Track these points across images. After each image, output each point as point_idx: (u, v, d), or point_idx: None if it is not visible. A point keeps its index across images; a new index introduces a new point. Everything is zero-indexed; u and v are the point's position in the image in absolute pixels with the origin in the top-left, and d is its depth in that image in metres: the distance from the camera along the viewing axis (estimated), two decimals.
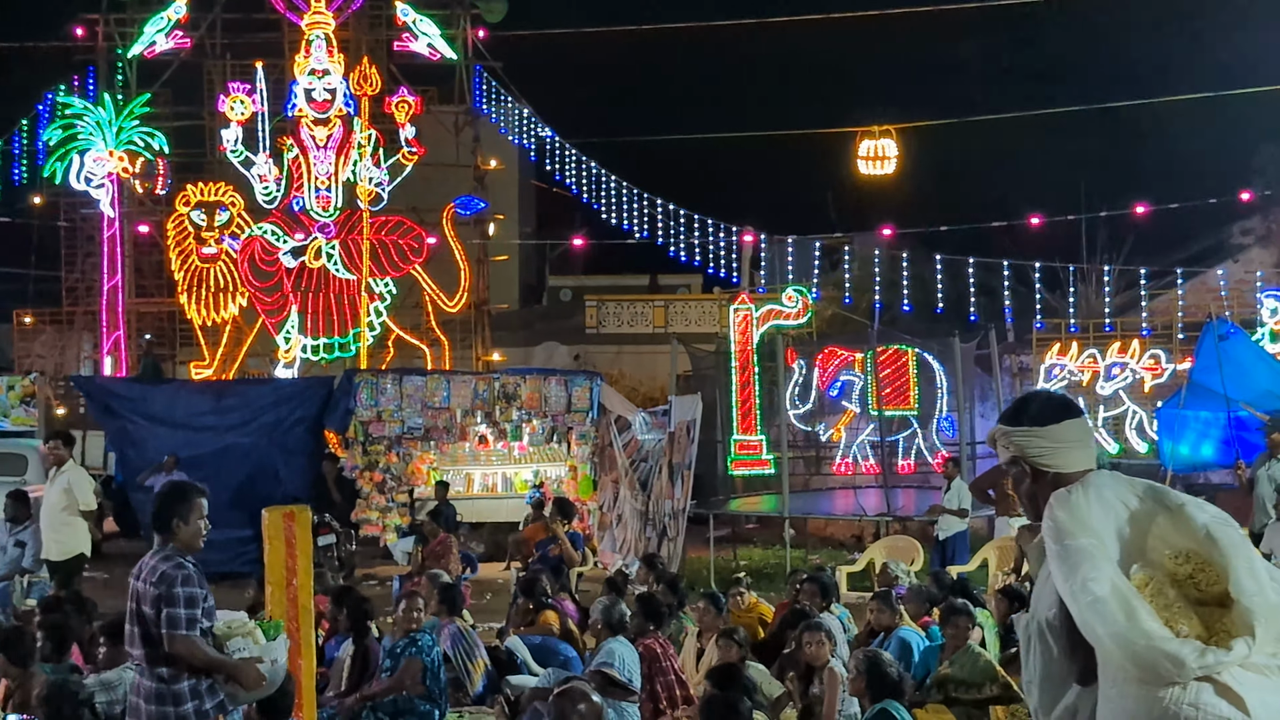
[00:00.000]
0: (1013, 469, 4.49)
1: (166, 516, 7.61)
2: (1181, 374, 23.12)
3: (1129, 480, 4.17)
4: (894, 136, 26.73)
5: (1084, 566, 3.88)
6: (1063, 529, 4.00)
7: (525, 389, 23.72)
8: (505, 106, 33.76)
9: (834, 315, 34.98)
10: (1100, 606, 3.79)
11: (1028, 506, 4.50)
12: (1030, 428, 4.45)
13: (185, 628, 7.34)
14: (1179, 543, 4.00)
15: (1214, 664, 3.75)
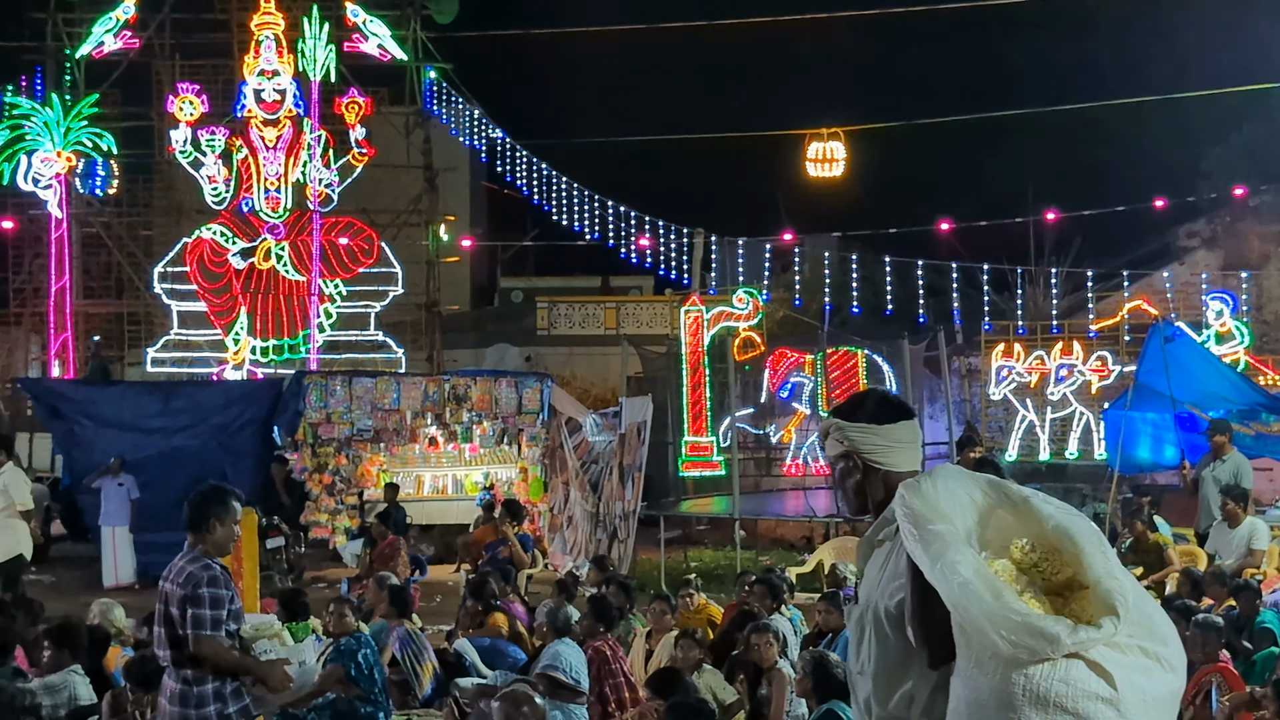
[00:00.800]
0: (841, 463, 4.57)
1: (203, 518, 7.64)
2: (1128, 376, 23.26)
3: (971, 474, 4.23)
4: (842, 139, 26.83)
5: (949, 551, 3.90)
6: (920, 515, 4.02)
7: (476, 391, 23.69)
8: (456, 108, 33.71)
9: (784, 317, 35.06)
10: (970, 588, 3.81)
11: (851, 501, 4.61)
12: (867, 424, 4.55)
13: (210, 628, 7.36)
14: (1024, 532, 4.07)
15: (1085, 640, 3.79)
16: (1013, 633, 3.78)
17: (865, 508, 4.59)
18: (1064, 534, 4.01)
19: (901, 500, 4.11)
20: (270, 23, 29.75)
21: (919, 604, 4.06)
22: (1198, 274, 30.15)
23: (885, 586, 4.34)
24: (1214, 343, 25.54)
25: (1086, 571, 3.96)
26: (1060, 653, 3.80)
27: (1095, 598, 3.91)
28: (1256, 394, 20.32)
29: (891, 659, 4.30)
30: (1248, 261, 30.49)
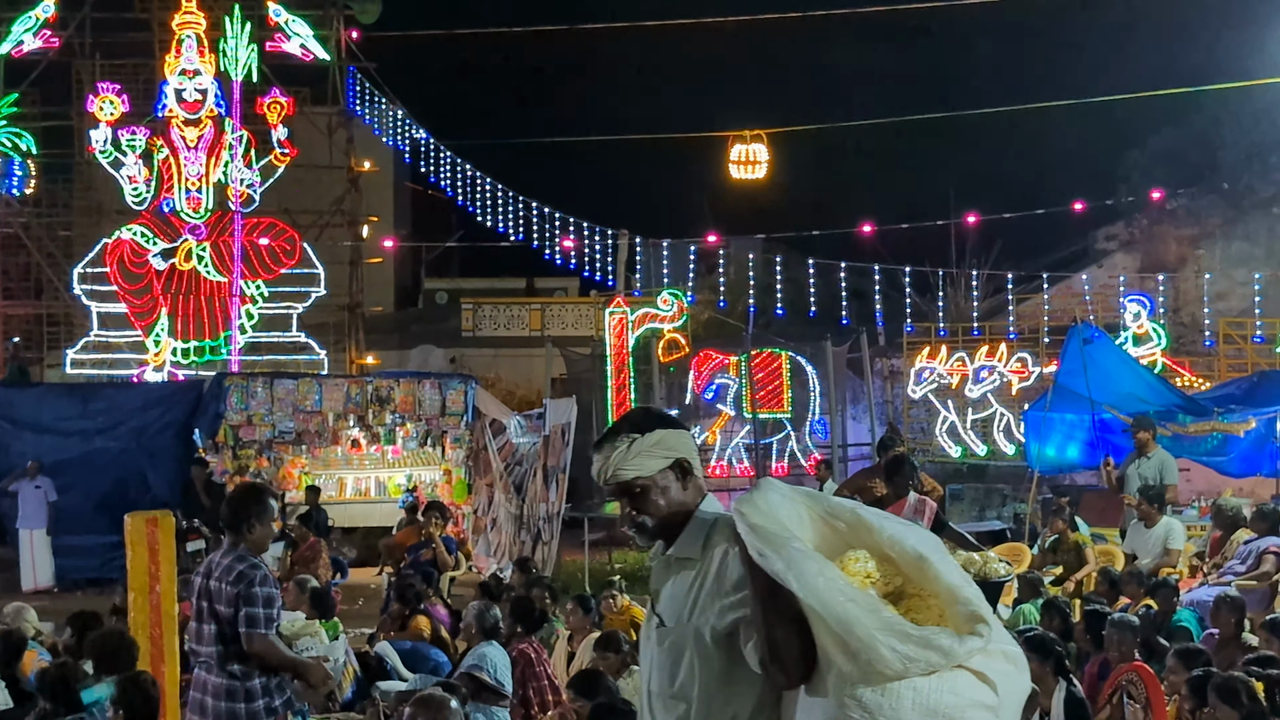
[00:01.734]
0: (663, 478, 4.44)
1: (241, 516, 7.74)
2: (1047, 377, 23.47)
3: (790, 487, 4.19)
4: (765, 141, 26.92)
5: (825, 569, 3.88)
6: (771, 533, 3.94)
7: (399, 392, 23.60)
8: (379, 108, 33.58)
9: (709, 319, 35.14)
10: (853, 607, 3.78)
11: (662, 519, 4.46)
12: (685, 431, 4.56)
13: (264, 627, 7.49)
14: (856, 543, 4.06)
15: (971, 650, 3.82)
16: (906, 646, 3.77)
17: (668, 527, 4.47)
18: (899, 544, 4.02)
19: (742, 517, 4.01)
20: (191, 22, 29.51)
21: (774, 624, 3.97)
22: (1116, 276, 30.45)
23: (709, 605, 4.24)
24: (1131, 344, 25.80)
25: (936, 581, 3.96)
26: (952, 663, 3.82)
27: (956, 606, 3.92)
28: (1173, 395, 20.55)
29: (716, 680, 4.22)
30: (1165, 264, 30.84)
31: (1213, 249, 31.11)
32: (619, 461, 4.46)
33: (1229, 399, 20.26)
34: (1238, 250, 30.87)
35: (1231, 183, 32.19)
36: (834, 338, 25.36)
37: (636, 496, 4.46)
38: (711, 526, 4.41)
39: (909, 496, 11.92)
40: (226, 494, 20.58)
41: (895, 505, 11.76)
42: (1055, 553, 16.44)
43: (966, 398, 26.73)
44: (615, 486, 4.51)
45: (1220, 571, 14.97)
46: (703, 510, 4.47)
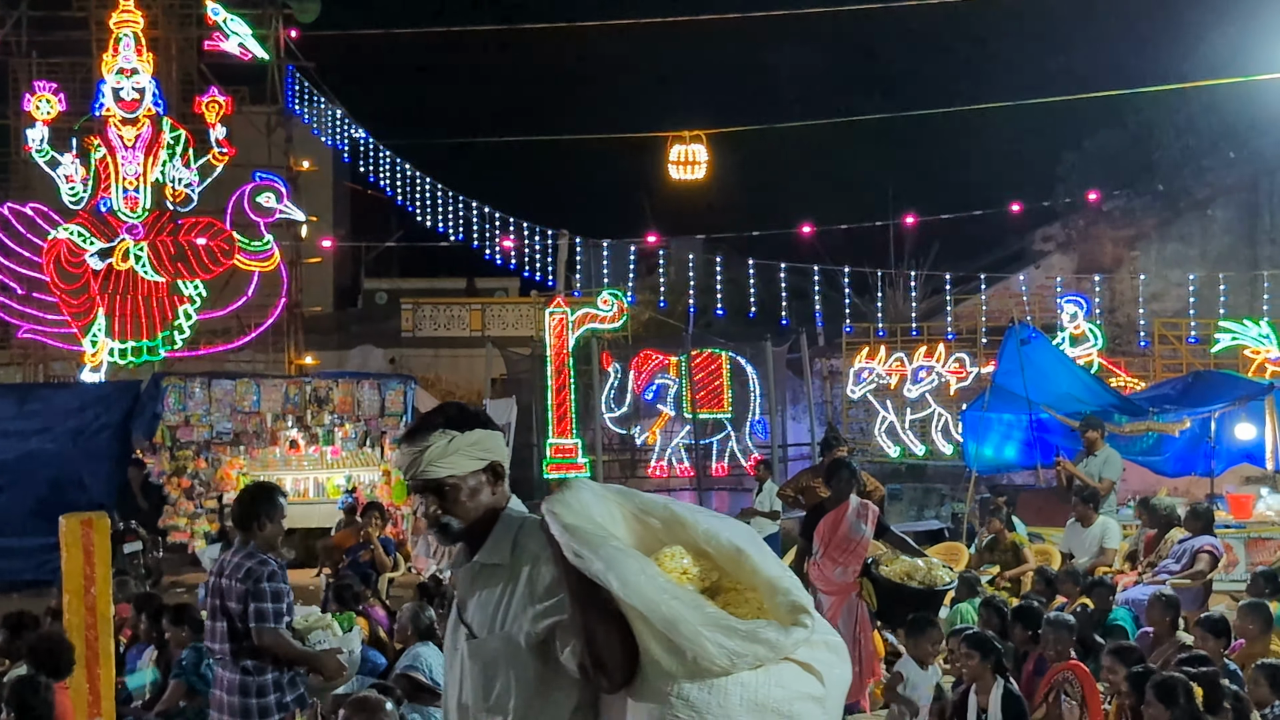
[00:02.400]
0: (474, 479, 4.34)
1: (251, 515, 7.87)
2: (985, 377, 23.62)
3: (601, 485, 4.12)
4: (704, 142, 26.95)
5: (646, 568, 3.81)
6: (587, 533, 3.86)
7: (338, 393, 23.51)
8: (318, 107, 33.45)
9: (649, 319, 35.18)
10: (678, 604, 3.72)
11: (469, 522, 4.36)
12: (499, 433, 4.45)
13: (273, 621, 7.57)
14: (671, 539, 4.01)
15: (796, 641, 3.81)
16: (733, 642, 3.74)
17: (474, 532, 4.36)
18: (715, 538, 3.96)
19: (554, 518, 3.92)
20: (129, 21, 29.28)
21: (594, 627, 3.88)
22: (1053, 277, 30.68)
23: (522, 611, 4.14)
24: (1068, 345, 26.01)
25: (755, 574, 3.93)
26: (779, 656, 3.80)
27: (777, 598, 3.89)
28: (1109, 395, 20.73)
29: (532, 689, 4.13)
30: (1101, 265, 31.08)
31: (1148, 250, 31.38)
32: (434, 458, 4.30)
33: (1164, 399, 20.46)
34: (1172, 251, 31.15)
35: (1166, 185, 32.46)
36: (774, 338, 25.44)
37: (444, 496, 4.32)
38: (519, 530, 4.32)
39: (851, 500, 11.88)
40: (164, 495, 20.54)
41: (838, 509, 11.82)
42: (992, 552, 16.54)
43: (905, 398, 26.86)
44: (422, 484, 4.34)
45: (1155, 570, 15.10)
46: (509, 514, 4.38)
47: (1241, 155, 31.88)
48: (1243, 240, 30.84)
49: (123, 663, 11.43)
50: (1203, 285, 29.11)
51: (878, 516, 12.04)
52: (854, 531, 11.71)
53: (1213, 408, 19.18)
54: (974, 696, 9.98)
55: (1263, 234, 30.70)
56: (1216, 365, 25.94)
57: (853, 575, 11.69)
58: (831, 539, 11.78)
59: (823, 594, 11.60)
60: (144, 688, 11.29)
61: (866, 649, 11.57)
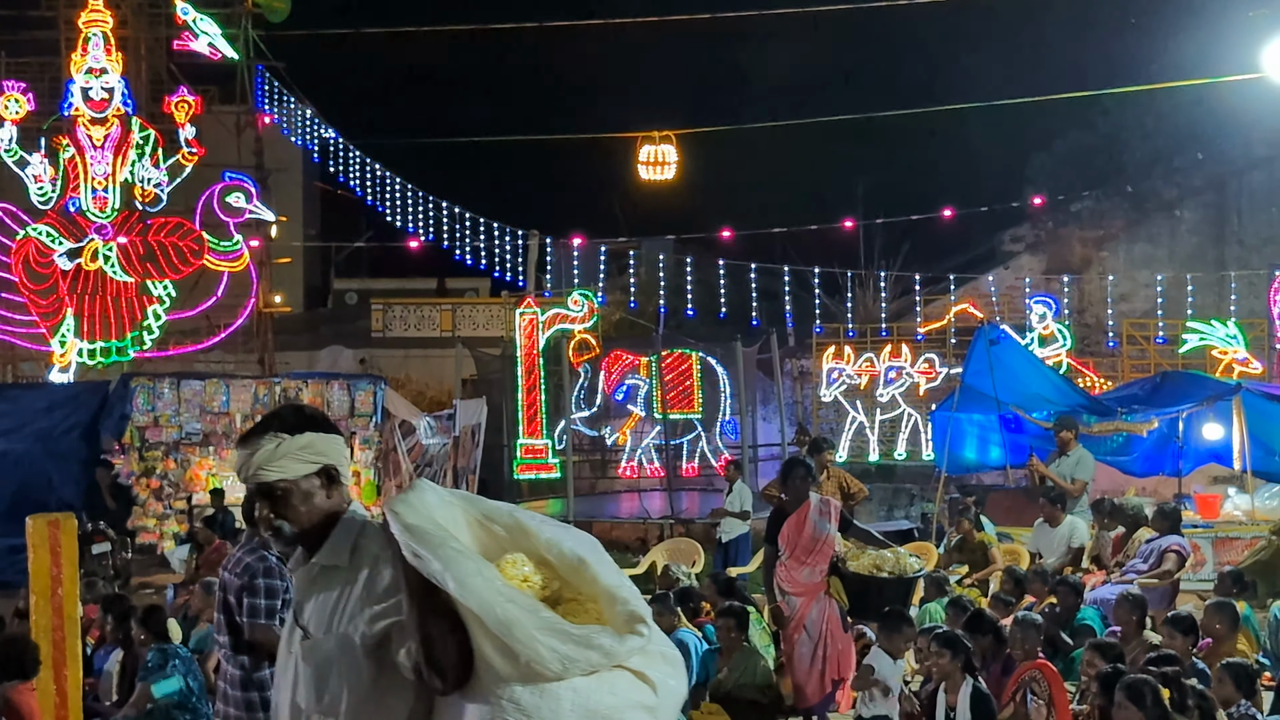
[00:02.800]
0: (306, 483, 4.29)
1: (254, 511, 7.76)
2: (954, 378, 23.67)
3: (444, 489, 4.10)
4: (674, 142, 26.94)
5: (483, 569, 3.81)
6: (429, 534, 3.83)
7: (307, 393, 23.48)
8: (288, 107, 33.36)
9: (620, 319, 35.17)
10: (513, 608, 3.73)
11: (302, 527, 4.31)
12: (338, 436, 4.42)
13: (264, 617, 7.55)
14: (514, 546, 4.01)
15: (631, 649, 3.83)
16: (567, 647, 3.75)
17: (310, 535, 4.31)
18: (557, 547, 3.98)
19: (396, 517, 3.88)
20: (98, 20, 29.14)
21: (430, 629, 3.87)
22: (1022, 278, 30.76)
23: (359, 612, 4.11)
24: (1037, 345, 26.08)
25: (595, 583, 3.95)
26: (612, 663, 3.82)
27: (616, 607, 3.91)
28: (1077, 395, 20.81)
29: (365, 691, 4.09)
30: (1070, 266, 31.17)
31: (1116, 251, 31.47)
32: (263, 461, 4.27)
33: (1132, 399, 20.53)
34: (1141, 252, 31.25)
35: (1135, 186, 32.58)
36: (744, 338, 25.46)
37: (277, 500, 4.29)
38: (359, 532, 4.29)
39: (811, 499, 11.79)
40: (133, 496, 20.47)
41: (799, 510, 11.71)
42: (961, 552, 16.61)
43: (875, 399, 26.90)
44: (255, 487, 4.32)
45: (1123, 570, 15.19)
46: (349, 517, 4.34)
47: (1209, 157, 32.02)
48: (1210, 241, 30.97)
49: (90, 664, 11.40)
50: (1170, 286, 29.22)
51: (840, 512, 11.94)
52: (819, 530, 11.59)
53: (1180, 408, 19.27)
54: (943, 695, 10.02)
55: (1230, 235, 30.84)
56: (1184, 366, 26.04)
57: (821, 575, 11.56)
58: (798, 541, 11.63)
59: (792, 596, 11.52)
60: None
61: (834, 648, 11.43)
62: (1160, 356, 27.96)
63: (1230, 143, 31.06)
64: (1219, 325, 26.90)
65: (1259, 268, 28.88)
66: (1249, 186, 30.57)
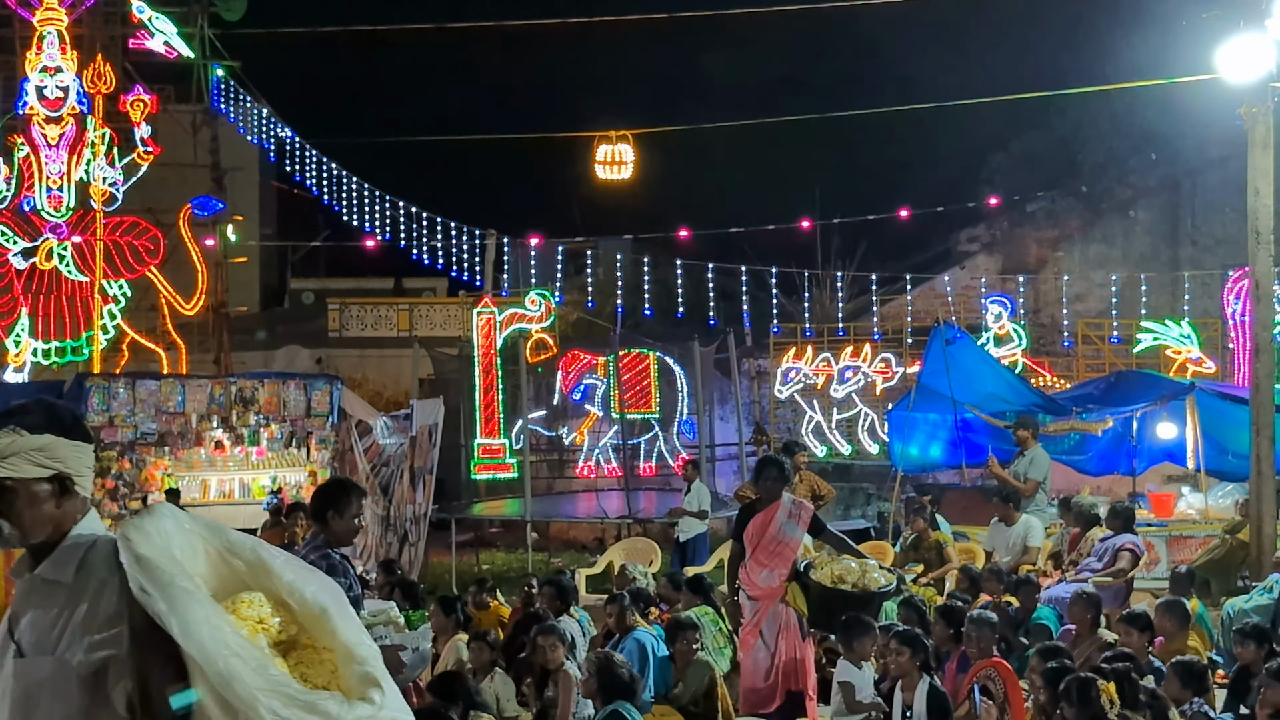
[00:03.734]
0: (37, 487, 3.94)
1: (322, 509, 7.92)
2: (910, 377, 23.75)
3: (188, 516, 3.92)
4: (631, 142, 26.93)
5: (211, 616, 3.64)
6: (158, 568, 3.64)
7: (263, 393, 23.40)
8: (244, 106, 33.24)
9: (577, 319, 35.16)
10: (238, 663, 3.57)
11: (28, 535, 3.96)
12: (84, 443, 4.07)
13: None
14: (255, 585, 3.88)
15: (358, 718, 3.71)
16: (290, 710, 3.62)
17: (35, 543, 3.99)
18: (299, 592, 3.86)
19: (128, 544, 3.69)
20: (53, 19, 29.01)
21: (149, 669, 3.69)
22: (977, 278, 30.89)
23: (77, 638, 3.81)
24: (993, 345, 26.20)
25: (333, 636, 3.85)
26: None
27: (352, 666, 3.82)
28: (1033, 395, 20.91)
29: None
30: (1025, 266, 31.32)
31: (1071, 251, 31.63)
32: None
33: (1087, 399, 20.65)
34: (1095, 252, 31.42)
35: (1090, 186, 32.76)
36: (701, 338, 25.46)
37: (1, 497, 3.94)
38: (89, 549, 3.94)
39: (783, 499, 11.44)
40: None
41: (768, 509, 11.40)
42: (916, 551, 16.67)
43: (832, 398, 26.96)
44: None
45: (1078, 569, 15.29)
46: (80, 530, 4.00)
47: (1163, 157, 32.21)
48: (1164, 241, 31.16)
49: None
50: (1125, 286, 29.39)
51: (812, 516, 11.58)
52: (783, 533, 11.25)
53: (1135, 407, 19.38)
54: (899, 693, 10.06)
55: (1184, 235, 31.03)
56: (1138, 365, 26.21)
57: (779, 579, 11.21)
58: (760, 541, 11.29)
59: (749, 599, 11.35)
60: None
61: (787, 656, 11.13)
62: (1115, 356, 28.12)
63: (1184, 144, 31.25)
64: (1173, 325, 27.08)
65: (1212, 268, 29.07)
66: (1203, 187, 30.77)
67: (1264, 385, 17.42)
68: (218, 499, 23.72)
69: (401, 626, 7.80)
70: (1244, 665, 10.81)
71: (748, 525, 11.45)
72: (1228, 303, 26.89)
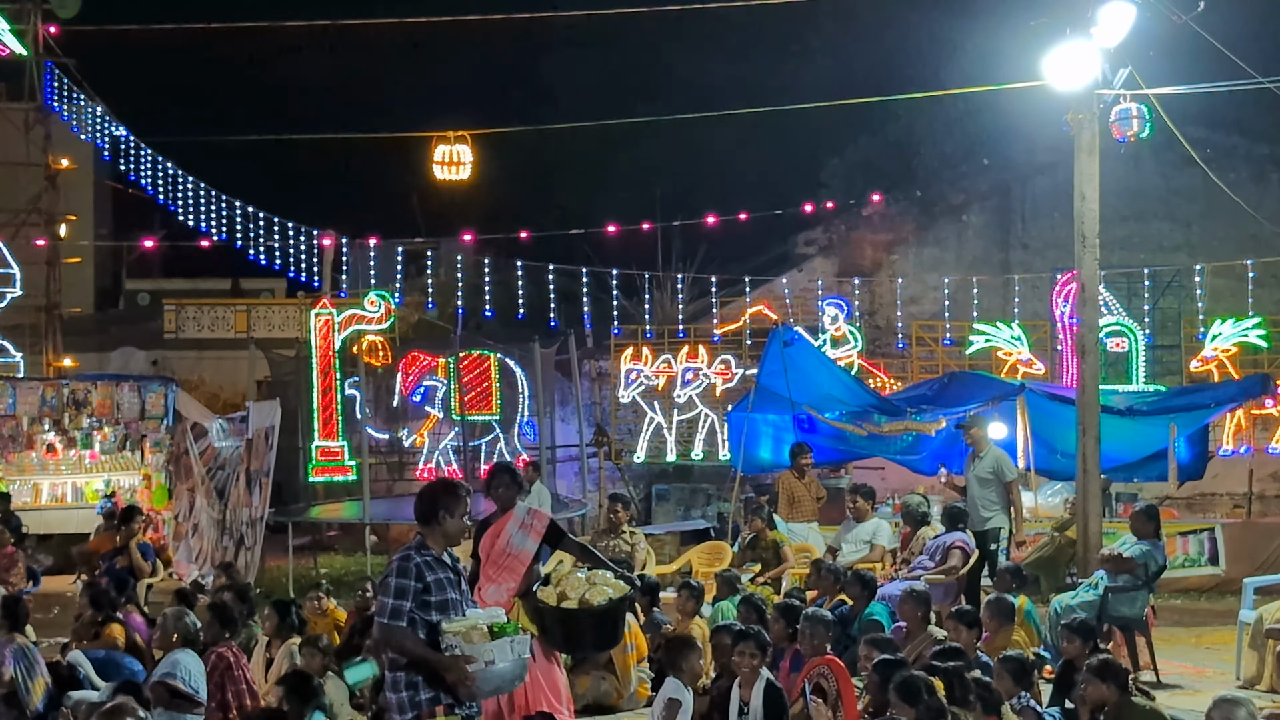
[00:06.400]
0: None
1: (431, 509, 7.80)
2: (750, 379, 23.95)
3: None
4: (469, 142, 26.83)
5: None
6: None
7: (97, 395, 23.10)
8: (78, 105, 32.65)
9: (418, 320, 35.01)
10: None
11: None
12: None
13: (389, 617, 7.51)
14: None
15: None
16: None
17: None
18: None
19: None
20: None
21: None
22: (815, 280, 31.18)
23: None
24: (829, 347, 26.49)
25: None
26: None
27: None
28: (868, 396, 21.20)
29: None
30: (861, 269, 31.66)
31: (906, 254, 32.03)
32: None
33: (921, 399, 20.96)
34: (929, 256, 31.85)
35: (924, 190, 33.23)
36: (542, 339, 25.48)
37: None
38: None
39: (515, 509, 10.65)
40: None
41: (500, 520, 10.64)
42: (754, 550, 16.84)
43: (673, 399, 27.11)
44: None
45: (910, 566, 15.57)
46: None
47: (995, 162, 32.77)
48: (995, 245, 31.67)
49: None
50: (957, 289, 29.86)
51: (548, 525, 10.66)
52: (512, 545, 10.44)
53: (967, 407, 19.68)
54: (737, 690, 10.18)
55: (1014, 239, 31.57)
56: (971, 366, 26.63)
57: (508, 595, 10.36)
58: (489, 553, 10.53)
59: None
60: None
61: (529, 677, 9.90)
62: (948, 358, 28.56)
63: (1014, 149, 31.83)
64: (1004, 327, 27.60)
65: (1041, 271, 29.63)
66: (1032, 192, 31.34)
67: (1090, 386, 17.84)
68: (50, 503, 23.36)
69: (472, 639, 7.59)
70: (1069, 660, 11.09)
71: (483, 539, 10.66)
72: (1056, 305, 27.48)
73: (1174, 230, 31.06)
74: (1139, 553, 14.21)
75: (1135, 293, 29.11)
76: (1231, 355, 26.65)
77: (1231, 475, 25.54)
